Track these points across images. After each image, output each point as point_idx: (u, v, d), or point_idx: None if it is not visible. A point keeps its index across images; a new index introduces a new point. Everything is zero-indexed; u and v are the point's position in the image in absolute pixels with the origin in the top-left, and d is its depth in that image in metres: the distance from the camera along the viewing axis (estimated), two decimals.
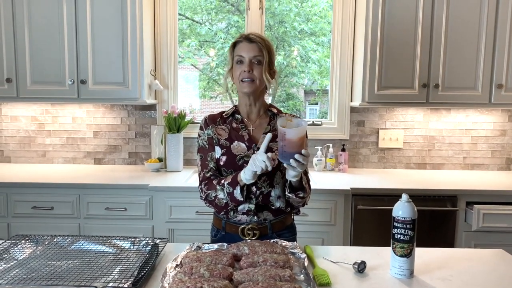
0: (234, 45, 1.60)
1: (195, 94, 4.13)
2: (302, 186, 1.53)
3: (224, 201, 1.52)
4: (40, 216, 2.54)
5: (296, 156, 1.36)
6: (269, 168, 1.40)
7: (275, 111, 1.67)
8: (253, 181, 1.46)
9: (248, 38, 1.57)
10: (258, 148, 1.56)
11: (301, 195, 1.53)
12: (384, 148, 3.11)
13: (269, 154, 1.40)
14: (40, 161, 3.17)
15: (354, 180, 2.70)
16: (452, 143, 3.10)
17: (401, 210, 1.25)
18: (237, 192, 1.49)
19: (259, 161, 1.40)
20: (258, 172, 1.42)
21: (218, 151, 1.60)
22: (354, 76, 3.02)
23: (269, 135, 1.42)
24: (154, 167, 2.92)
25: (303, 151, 1.37)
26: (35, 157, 3.17)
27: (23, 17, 2.69)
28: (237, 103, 1.71)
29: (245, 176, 1.45)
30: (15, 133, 3.15)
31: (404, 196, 1.26)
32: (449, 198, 2.50)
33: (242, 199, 1.50)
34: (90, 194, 2.53)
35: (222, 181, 1.53)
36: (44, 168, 3.01)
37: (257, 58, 1.55)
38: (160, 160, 2.99)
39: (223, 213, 1.61)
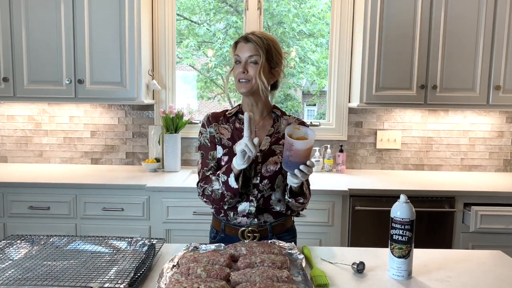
0: (235, 45, 1.58)
1: (193, 95, 4.12)
2: (302, 191, 1.51)
3: (220, 191, 1.48)
4: (36, 216, 2.52)
5: (301, 167, 1.35)
6: (253, 150, 1.35)
7: (279, 113, 1.65)
8: (244, 166, 1.41)
9: (245, 38, 1.54)
10: (261, 150, 1.55)
11: (301, 200, 1.51)
12: (382, 149, 3.11)
13: (256, 139, 1.36)
14: (37, 161, 3.16)
15: (352, 181, 2.70)
16: (449, 144, 3.11)
17: (399, 211, 1.24)
18: (231, 180, 1.45)
19: (241, 144, 1.37)
20: (248, 154, 1.37)
21: (219, 151, 1.57)
22: (352, 77, 3.02)
23: (246, 115, 1.37)
24: (151, 167, 2.91)
25: (308, 162, 1.36)
26: (32, 156, 3.15)
27: (21, 16, 2.68)
28: (236, 104, 1.70)
29: (236, 160, 1.42)
30: (11, 133, 3.14)
31: (402, 197, 1.25)
32: (446, 199, 2.50)
33: (237, 187, 1.45)
34: (87, 194, 2.51)
35: (218, 172, 1.52)
36: (40, 168, 2.99)
37: (252, 58, 1.52)
38: (157, 160, 2.98)
39: (222, 214, 1.59)
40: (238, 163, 1.42)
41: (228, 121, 1.63)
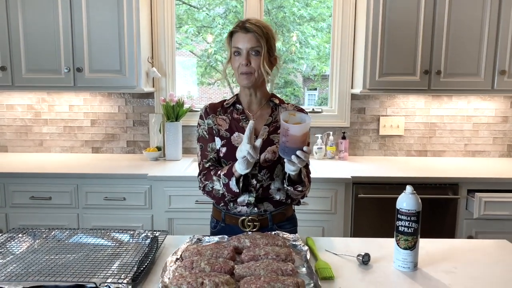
0: (231, 34, 1.53)
1: (192, 81, 4.08)
2: (301, 179, 1.49)
3: (221, 192, 1.49)
4: (38, 206, 2.51)
5: (298, 152, 1.33)
6: (255, 156, 1.36)
7: (277, 101, 1.62)
8: (247, 171, 1.41)
9: (244, 28, 1.49)
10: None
11: (299, 188, 1.49)
12: (385, 135, 3.08)
13: (259, 141, 1.36)
14: (37, 150, 3.14)
15: (354, 168, 2.68)
16: (453, 130, 3.08)
17: (405, 202, 1.23)
18: (233, 183, 1.45)
19: (242, 151, 1.36)
20: (250, 160, 1.37)
21: (218, 142, 1.56)
22: (355, 63, 2.97)
23: (251, 123, 1.37)
24: (152, 156, 2.89)
25: (305, 148, 1.33)
26: (32, 146, 3.13)
27: (17, 4, 2.62)
28: (236, 91, 1.66)
29: (239, 166, 1.41)
30: (11, 122, 3.11)
31: (409, 188, 1.23)
32: (450, 186, 2.49)
33: (237, 191, 1.46)
34: (88, 183, 2.50)
35: (219, 172, 1.50)
36: (41, 157, 2.97)
37: (254, 49, 1.48)
38: (158, 148, 2.95)
39: (222, 204, 1.58)
40: (241, 169, 1.41)
41: (226, 112, 1.60)
